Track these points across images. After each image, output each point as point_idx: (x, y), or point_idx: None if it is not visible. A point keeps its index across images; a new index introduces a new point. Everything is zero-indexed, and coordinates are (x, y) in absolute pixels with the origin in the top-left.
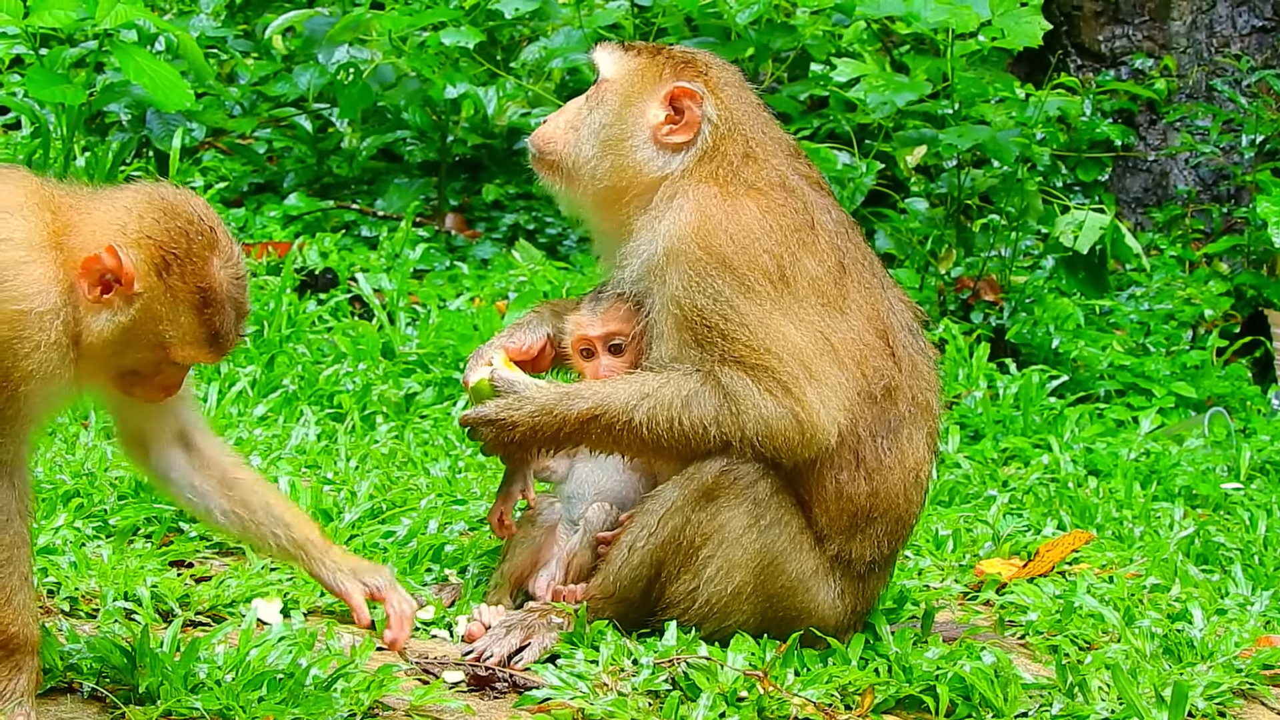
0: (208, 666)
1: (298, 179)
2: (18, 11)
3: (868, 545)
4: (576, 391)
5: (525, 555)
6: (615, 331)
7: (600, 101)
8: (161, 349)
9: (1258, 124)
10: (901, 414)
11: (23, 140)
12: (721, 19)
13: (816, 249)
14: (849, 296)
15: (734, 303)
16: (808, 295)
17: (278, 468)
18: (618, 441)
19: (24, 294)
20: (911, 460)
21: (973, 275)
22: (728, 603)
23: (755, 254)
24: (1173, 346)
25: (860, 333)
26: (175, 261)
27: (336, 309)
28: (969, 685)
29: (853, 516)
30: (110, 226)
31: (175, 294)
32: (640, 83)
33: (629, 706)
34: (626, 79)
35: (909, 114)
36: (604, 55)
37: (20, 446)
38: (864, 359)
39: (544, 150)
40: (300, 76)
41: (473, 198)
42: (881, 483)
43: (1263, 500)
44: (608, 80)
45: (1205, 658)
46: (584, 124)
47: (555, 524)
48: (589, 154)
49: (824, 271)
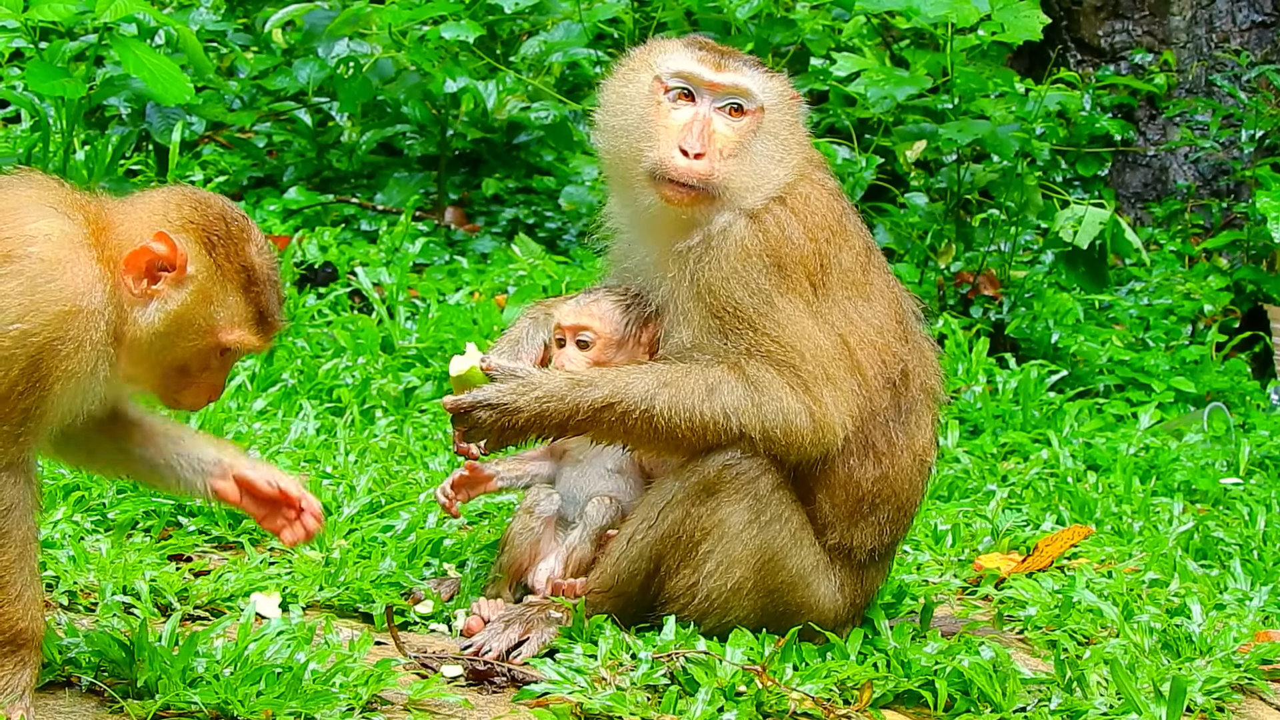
0: (206, 661)
1: (297, 173)
2: (17, 5)
3: (870, 533)
4: (589, 379)
5: (524, 548)
6: (585, 326)
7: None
8: (212, 334)
9: (1257, 119)
10: (913, 398)
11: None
12: (721, 13)
13: (849, 239)
14: (873, 282)
15: (772, 298)
16: (838, 289)
17: (277, 461)
18: (629, 431)
19: (70, 293)
20: (919, 444)
21: (972, 270)
22: (727, 598)
23: (805, 251)
24: (1172, 341)
25: (883, 318)
26: (219, 242)
27: (336, 303)
28: (968, 680)
29: (858, 502)
30: (150, 220)
31: (224, 273)
32: (792, 105)
33: (627, 701)
34: (781, 103)
35: (909, 109)
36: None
37: (36, 444)
38: (885, 345)
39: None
40: (300, 70)
41: (472, 192)
42: (890, 467)
43: (1262, 495)
44: (767, 109)
45: (1204, 653)
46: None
47: (553, 515)
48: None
49: (854, 260)
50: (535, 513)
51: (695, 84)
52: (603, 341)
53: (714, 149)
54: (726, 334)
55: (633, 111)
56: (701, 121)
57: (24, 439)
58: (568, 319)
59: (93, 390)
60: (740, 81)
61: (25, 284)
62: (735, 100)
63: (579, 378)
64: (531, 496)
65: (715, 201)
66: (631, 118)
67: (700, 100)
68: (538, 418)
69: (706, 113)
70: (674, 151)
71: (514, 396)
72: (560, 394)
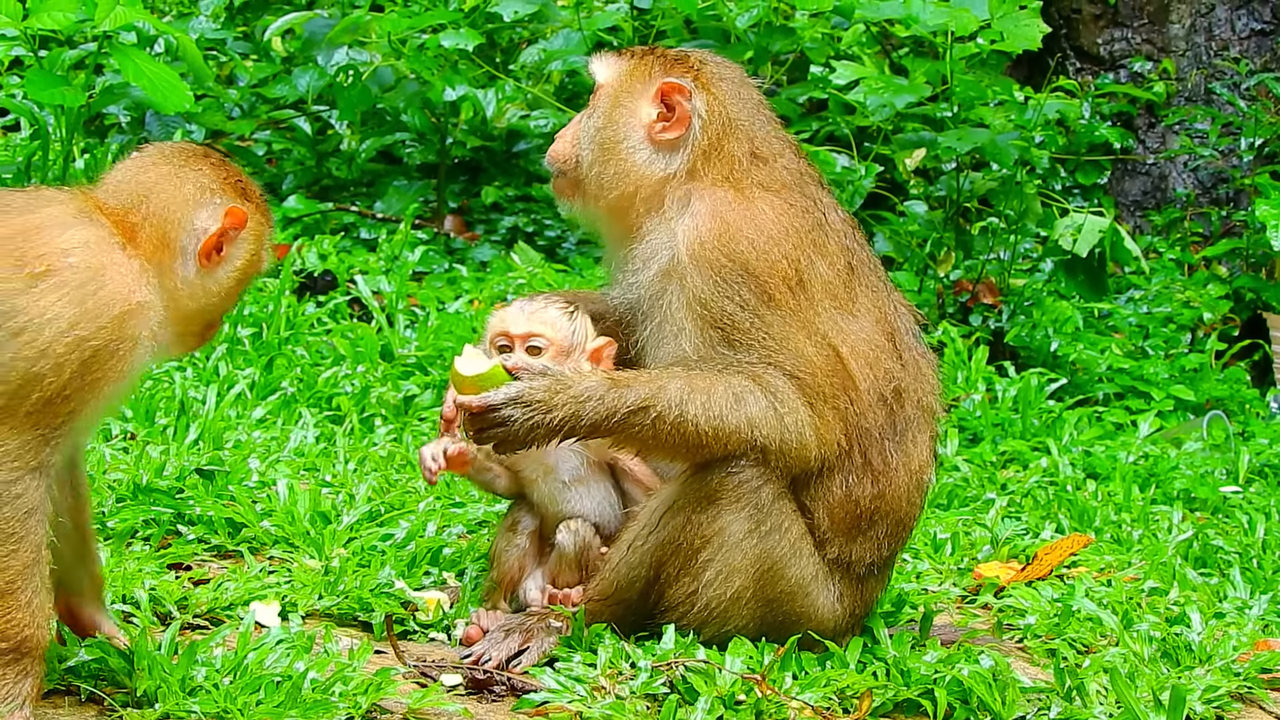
0: (206, 669)
1: (297, 181)
2: (17, 13)
3: (868, 548)
4: (625, 380)
5: (512, 563)
6: (536, 334)
7: (596, 108)
8: (259, 265)
9: (1256, 127)
10: (908, 416)
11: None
12: (721, 22)
13: (828, 251)
14: (858, 299)
15: (759, 311)
16: (821, 299)
17: (276, 470)
18: (657, 436)
19: (122, 294)
20: (916, 463)
21: (972, 278)
22: (727, 607)
23: (775, 259)
24: (1171, 350)
25: (870, 334)
26: (243, 184)
27: (335, 311)
28: (967, 689)
29: (856, 519)
30: (184, 196)
31: (259, 209)
32: (631, 83)
33: (627, 710)
34: (619, 81)
35: (908, 117)
36: (598, 63)
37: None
38: (875, 361)
39: (556, 166)
40: (299, 78)
41: (472, 200)
42: (887, 485)
43: (1261, 503)
44: (602, 86)
45: (1203, 661)
46: (584, 133)
47: (535, 530)
48: (590, 161)
49: (835, 275)
50: (518, 529)
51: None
52: (554, 349)
53: (568, 135)
54: (732, 345)
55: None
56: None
57: (56, 442)
58: (518, 326)
59: (129, 386)
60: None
61: (72, 293)
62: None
63: (614, 377)
64: (511, 515)
65: (581, 191)
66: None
67: None
68: (572, 418)
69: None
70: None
71: (548, 394)
72: (598, 394)
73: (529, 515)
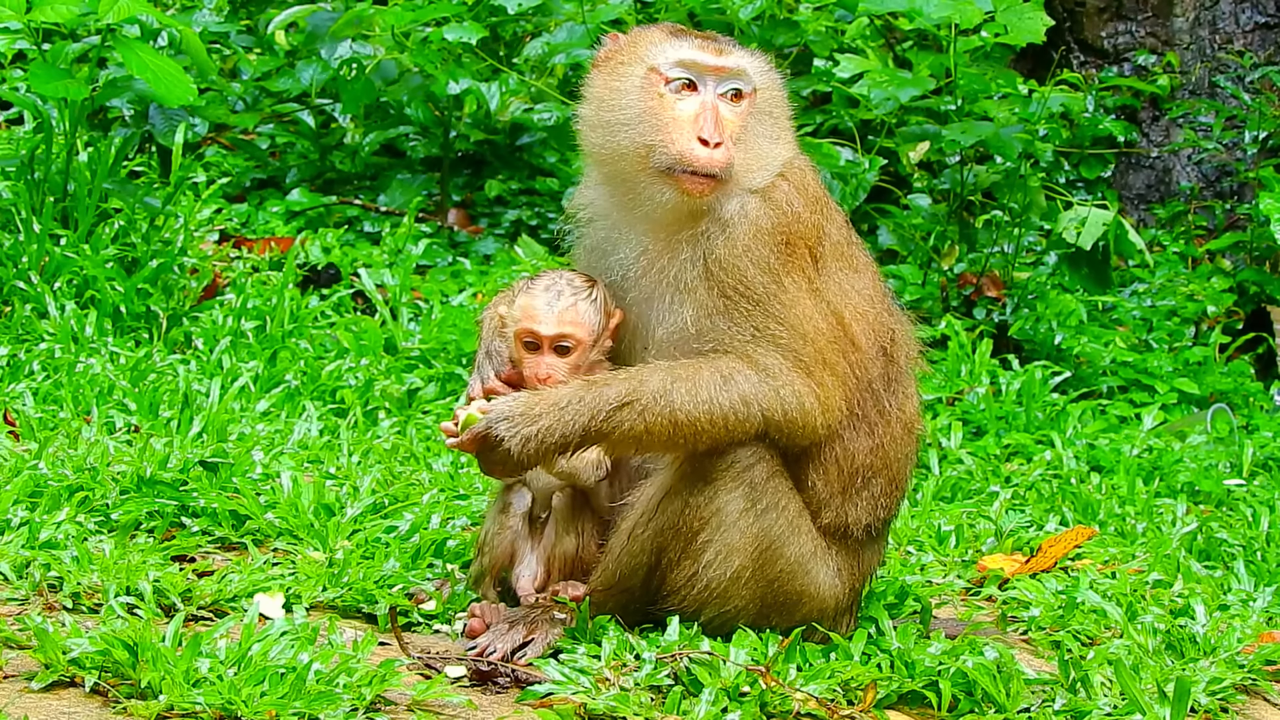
0: (210, 661)
1: (300, 174)
2: (20, 7)
3: (865, 508)
4: (601, 380)
5: (503, 547)
6: (567, 335)
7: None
8: None
9: (1261, 120)
10: (900, 367)
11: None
12: (724, 14)
13: (834, 211)
14: (857, 255)
15: (780, 278)
16: (832, 262)
17: (280, 463)
18: (649, 429)
19: None
20: (909, 412)
21: (975, 271)
22: (727, 587)
23: (807, 226)
24: (1175, 343)
25: (872, 287)
26: None
27: (339, 304)
28: (971, 681)
29: (852, 476)
30: None
31: None
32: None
33: (631, 701)
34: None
35: (912, 110)
36: (751, 61)
37: None
38: (877, 315)
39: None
40: (303, 72)
41: (475, 193)
42: (884, 435)
43: (1265, 496)
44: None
45: (1208, 653)
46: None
47: (527, 512)
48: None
49: (840, 233)
50: (510, 511)
51: (699, 72)
52: (583, 346)
53: (727, 136)
54: (730, 315)
55: (631, 106)
56: (712, 110)
57: None
58: (549, 328)
59: None
60: (740, 64)
61: None
62: (735, 85)
63: (590, 380)
64: (503, 497)
65: (726, 186)
66: (630, 112)
67: (704, 88)
68: (558, 424)
69: (712, 100)
70: (693, 144)
71: (526, 406)
72: (577, 396)
73: (520, 499)
